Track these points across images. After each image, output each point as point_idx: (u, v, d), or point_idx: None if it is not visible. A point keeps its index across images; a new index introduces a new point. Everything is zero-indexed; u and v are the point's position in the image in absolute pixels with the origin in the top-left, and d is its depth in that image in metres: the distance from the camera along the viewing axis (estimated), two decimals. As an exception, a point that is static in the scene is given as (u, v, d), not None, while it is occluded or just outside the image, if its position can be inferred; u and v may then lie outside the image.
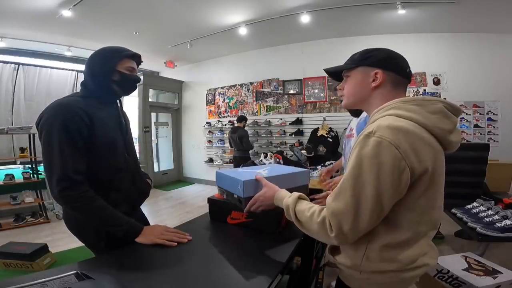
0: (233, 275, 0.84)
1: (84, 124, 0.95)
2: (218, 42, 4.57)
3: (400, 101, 0.70)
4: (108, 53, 1.08)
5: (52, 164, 0.91)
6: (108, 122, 1.07)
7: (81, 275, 0.64)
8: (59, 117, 0.92)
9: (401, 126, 0.63)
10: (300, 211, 0.77)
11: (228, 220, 1.28)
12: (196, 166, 6.23)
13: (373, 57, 0.78)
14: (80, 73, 5.22)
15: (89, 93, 1.06)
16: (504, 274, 1.34)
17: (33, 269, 2.24)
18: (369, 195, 0.62)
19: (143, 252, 0.98)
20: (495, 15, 3.32)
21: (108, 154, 1.05)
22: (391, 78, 0.75)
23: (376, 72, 0.76)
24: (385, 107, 0.72)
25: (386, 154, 0.60)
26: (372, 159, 0.61)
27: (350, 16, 3.57)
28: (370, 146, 0.62)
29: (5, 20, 3.43)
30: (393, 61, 0.77)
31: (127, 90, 1.14)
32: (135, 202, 1.21)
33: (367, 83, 0.77)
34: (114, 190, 1.07)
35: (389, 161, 0.60)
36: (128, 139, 1.20)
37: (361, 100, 0.80)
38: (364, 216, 0.63)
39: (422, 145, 0.63)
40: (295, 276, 1.19)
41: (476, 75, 3.87)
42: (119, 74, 1.07)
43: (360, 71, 0.79)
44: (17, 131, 3.60)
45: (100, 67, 1.06)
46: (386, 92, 0.76)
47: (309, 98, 4.77)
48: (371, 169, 0.61)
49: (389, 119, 0.66)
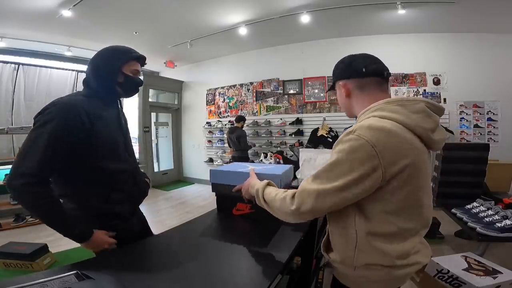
0: (233, 275, 0.84)
1: (82, 128, 0.94)
2: (218, 42, 4.57)
3: (384, 102, 0.73)
4: (114, 54, 1.07)
5: (28, 154, 0.87)
6: (110, 122, 1.06)
7: (81, 275, 0.64)
8: (60, 115, 0.91)
9: (382, 126, 0.66)
10: (267, 193, 0.87)
11: (233, 211, 1.36)
12: (196, 166, 6.23)
13: (337, 71, 0.87)
14: (80, 73, 5.22)
15: (92, 92, 1.05)
16: (504, 274, 1.34)
17: (33, 269, 2.24)
18: (339, 186, 0.67)
19: (143, 252, 0.98)
20: (495, 15, 3.32)
21: (110, 155, 1.04)
22: (353, 85, 0.82)
23: (341, 84, 0.85)
24: (370, 109, 0.75)
25: (362, 151, 0.65)
26: (348, 154, 0.66)
27: (350, 16, 3.57)
28: (348, 143, 0.67)
29: (5, 20, 3.43)
30: (349, 68, 0.83)
31: (130, 93, 1.14)
32: (136, 202, 1.22)
33: (342, 94, 0.86)
34: (117, 191, 1.07)
35: (363, 157, 0.65)
36: (128, 139, 1.19)
37: (348, 109, 0.87)
38: (325, 202, 0.70)
39: (402, 145, 0.66)
40: (295, 276, 1.19)
41: (476, 75, 3.87)
42: (124, 76, 1.06)
43: (337, 85, 0.89)
44: (17, 131, 3.59)
45: (105, 67, 1.04)
46: (358, 97, 0.82)
47: (309, 98, 4.77)
48: (346, 162, 0.67)
49: (372, 120, 0.70)
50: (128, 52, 1.08)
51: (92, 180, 1.00)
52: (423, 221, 0.76)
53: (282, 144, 4.90)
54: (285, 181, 1.35)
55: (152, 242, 1.12)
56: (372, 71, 0.80)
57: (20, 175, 0.86)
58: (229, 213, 1.38)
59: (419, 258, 0.75)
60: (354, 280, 0.78)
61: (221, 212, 1.43)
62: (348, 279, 0.80)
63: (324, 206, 0.70)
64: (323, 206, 0.70)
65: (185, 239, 1.13)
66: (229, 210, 1.38)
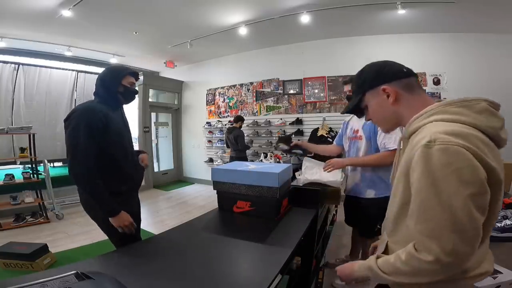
0: (233, 275, 0.84)
1: (101, 123, 1.29)
2: (218, 42, 4.56)
3: (441, 105, 0.66)
4: (115, 70, 1.44)
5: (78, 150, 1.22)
6: (116, 122, 1.41)
7: (81, 275, 0.64)
8: (85, 117, 1.26)
9: (456, 130, 0.59)
10: (382, 265, 0.70)
11: (234, 209, 1.39)
12: (196, 166, 6.23)
13: (367, 79, 0.78)
14: (80, 73, 5.22)
15: (102, 100, 1.39)
16: (504, 274, 1.34)
17: (33, 269, 2.24)
18: (462, 204, 0.55)
19: (143, 252, 0.98)
20: (495, 15, 3.31)
21: (119, 142, 1.41)
22: (399, 86, 0.73)
23: (383, 89, 0.74)
24: (425, 114, 0.68)
25: (459, 159, 0.56)
26: (445, 168, 0.56)
27: (350, 16, 3.57)
28: (436, 156, 0.57)
29: (5, 20, 3.43)
30: (385, 70, 0.75)
31: (128, 99, 1.49)
32: (138, 182, 1.58)
33: (385, 102, 0.75)
34: (124, 170, 1.41)
35: (465, 165, 0.55)
36: (130, 136, 1.55)
37: (394, 120, 0.77)
38: (468, 228, 0.56)
39: (484, 146, 0.59)
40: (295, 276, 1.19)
41: (476, 75, 3.87)
42: (123, 87, 1.42)
43: (369, 96, 0.78)
44: (17, 131, 3.59)
45: (110, 81, 1.40)
46: (409, 100, 0.73)
47: (309, 98, 4.77)
48: (450, 178, 0.56)
49: (439, 125, 0.62)
50: (126, 69, 1.45)
51: (106, 165, 1.32)
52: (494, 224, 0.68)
53: (282, 144, 4.89)
54: (283, 179, 1.36)
55: (152, 242, 1.12)
56: (410, 70, 0.74)
57: (76, 165, 1.22)
58: (230, 211, 1.39)
59: (487, 266, 0.68)
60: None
61: (222, 209, 1.44)
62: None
63: (470, 235, 0.57)
64: (469, 235, 0.57)
65: (185, 238, 1.13)
66: (230, 208, 1.39)
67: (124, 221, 1.29)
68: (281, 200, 1.36)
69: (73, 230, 3.28)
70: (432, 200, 0.58)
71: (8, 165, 4.30)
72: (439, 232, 0.58)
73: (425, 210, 0.60)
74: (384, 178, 1.69)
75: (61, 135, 1.33)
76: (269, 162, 3.86)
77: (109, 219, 1.28)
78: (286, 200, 1.46)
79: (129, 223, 1.31)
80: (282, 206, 1.37)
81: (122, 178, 1.40)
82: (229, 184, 1.38)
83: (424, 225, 0.60)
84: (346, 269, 0.83)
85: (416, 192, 0.62)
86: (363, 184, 1.78)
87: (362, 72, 0.80)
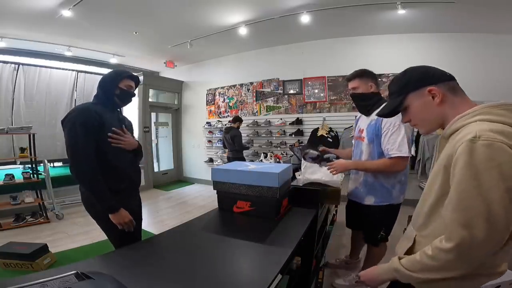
0: (233, 275, 0.84)
1: (96, 121, 1.33)
2: (218, 42, 4.56)
3: (486, 107, 0.69)
4: (114, 74, 1.48)
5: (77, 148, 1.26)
6: (112, 121, 1.43)
7: (81, 275, 0.64)
8: (80, 116, 1.30)
9: (502, 129, 0.62)
10: (409, 265, 0.73)
11: (234, 209, 1.40)
12: (196, 166, 6.23)
13: (411, 80, 0.79)
14: (80, 73, 5.22)
15: (100, 101, 1.45)
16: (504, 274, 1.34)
17: (33, 269, 2.24)
18: (500, 197, 0.59)
19: (143, 252, 0.98)
20: (495, 15, 3.31)
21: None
22: (445, 88, 0.76)
23: (429, 90, 0.76)
24: (470, 113, 0.70)
25: (502, 154, 0.59)
26: (488, 163, 0.59)
27: (350, 16, 3.57)
28: (480, 150, 0.60)
29: (5, 20, 3.43)
30: (430, 73, 0.78)
31: (125, 102, 1.52)
32: (136, 180, 1.57)
33: (430, 103, 0.77)
34: (120, 169, 1.42)
35: (508, 160, 0.59)
36: None
37: (436, 120, 0.79)
38: (501, 220, 0.59)
39: None
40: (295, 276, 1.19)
41: (476, 75, 3.86)
42: (120, 90, 1.46)
43: (413, 97, 0.80)
44: (17, 131, 3.59)
45: (108, 83, 1.45)
46: (454, 102, 0.75)
47: (309, 98, 4.77)
48: (491, 172, 0.59)
49: (483, 124, 0.65)
50: (124, 73, 1.49)
51: (103, 163, 1.33)
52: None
53: (282, 144, 4.90)
54: (283, 179, 1.36)
55: (152, 242, 1.12)
56: (450, 74, 0.77)
57: (77, 163, 1.27)
58: (230, 211, 1.39)
59: (504, 267, 0.71)
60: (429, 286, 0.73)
61: (222, 209, 1.44)
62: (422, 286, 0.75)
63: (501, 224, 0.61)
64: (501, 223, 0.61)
65: (185, 238, 1.14)
66: (230, 208, 1.39)
67: (123, 218, 1.31)
68: (281, 200, 1.36)
69: (73, 230, 3.28)
70: (472, 191, 0.61)
71: (8, 165, 4.30)
72: (474, 221, 0.61)
73: (463, 200, 0.62)
74: (386, 185, 1.62)
75: (61, 135, 1.32)
76: (269, 162, 3.86)
77: (109, 216, 1.30)
78: (286, 200, 1.46)
79: (129, 220, 1.33)
80: (282, 206, 1.37)
81: (119, 177, 1.42)
82: (229, 184, 1.38)
83: (460, 214, 0.63)
84: (369, 274, 0.86)
85: (457, 182, 0.64)
86: (363, 190, 1.72)
87: (406, 73, 0.82)
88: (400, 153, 1.46)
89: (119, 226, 1.32)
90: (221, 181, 1.41)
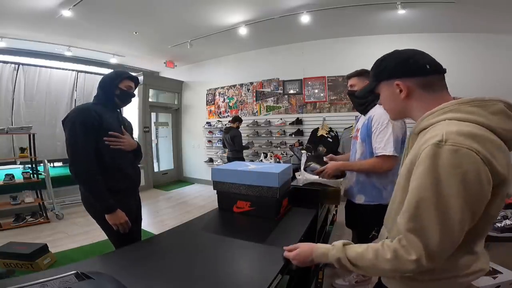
0: (233, 275, 0.84)
1: (96, 121, 1.34)
2: (218, 42, 4.56)
3: (457, 103, 0.65)
4: (114, 75, 1.49)
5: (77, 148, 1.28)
6: (112, 121, 1.45)
7: (81, 275, 0.64)
8: (80, 116, 1.32)
9: (470, 131, 0.58)
10: (355, 257, 0.71)
11: (234, 209, 1.39)
12: (196, 166, 6.23)
13: (385, 69, 0.76)
14: (80, 73, 5.23)
15: (100, 101, 1.47)
16: (504, 274, 1.34)
17: (33, 269, 2.24)
18: (458, 208, 0.56)
19: (143, 252, 0.98)
20: (495, 15, 3.31)
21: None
22: (415, 84, 0.71)
23: (397, 84, 0.73)
24: (438, 110, 0.67)
25: (468, 162, 0.55)
26: (452, 170, 0.56)
27: (350, 16, 3.57)
28: (445, 156, 0.56)
29: (5, 20, 3.43)
30: (406, 64, 0.72)
31: (124, 102, 1.54)
32: (135, 180, 1.57)
33: (396, 96, 0.74)
34: (119, 169, 1.43)
35: (472, 169, 0.55)
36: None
37: (400, 112, 0.78)
38: (455, 232, 0.58)
39: (495, 149, 0.58)
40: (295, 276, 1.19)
41: (476, 75, 3.87)
42: (119, 90, 1.48)
43: (384, 86, 0.78)
44: (17, 131, 3.59)
45: (108, 84, 1.46)
46: (422, 99, 0.72)
47: (309, 98, 4.77)
48: (453, 181, 0.56)
49: (452, 124, 0.61)
50: (124, 73, 1.50)
51: (102, 163, 1.34)
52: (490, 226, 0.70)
53: (282, 144, 4.90)
54: (283, 179, 1.36)
55: (152, 242, 1.12)
56: (435, 67, 0.71)
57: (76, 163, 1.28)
58: (230, 211, 1.39)
59: (480, 265, 0.70)
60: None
61: (222, 209, 1.44)
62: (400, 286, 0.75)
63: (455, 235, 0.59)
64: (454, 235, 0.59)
65: (185, 238, 1.13)
66: (230, 208, 1.40)
67: (119, 218, 1.32)
68: (281, 200, 1.36)
69: (73, 230, 3.28)
70: (430, 199, 0.58)
71: (8, 165, 4.30)
72: (428, 233, 0.58)
73: (420, 209, 0.60)
74: (378, 185, 1.60)
75: (61, 135, 1.35)
76: (269, 162, 3.86)
77: (105, 216, 1.31)
78: (286, 200, 1.46)
79: (124, 221, 1.34)
80: (282, 206, 1.38)
81: (119, 177, 1.42)
82: (229, 184, 1.38)
83: (415, 224, 0.61)
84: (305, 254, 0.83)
85: (415, 188, 0.61)
86: (355, 188, 1.71)
87: (384, 59, 0.78)
88: (385, 152, 1.44)
89: (114, 227, 1.33)
90: (221, 181, 1.41)
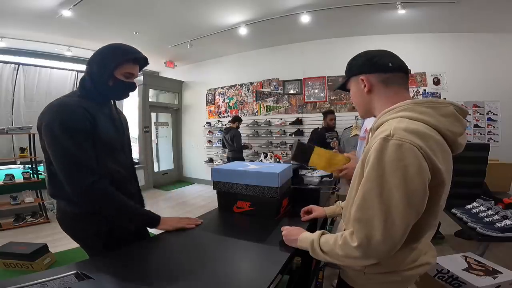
0: (233, 275, 0.84)
1: (89, 122, 0.96)
2: (218, 42, 4.57)
3: (412, 103, 0.69)
4: (109, 55, 1.00)
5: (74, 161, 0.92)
6: (105, 122, 1.05)
7: (81, 275, 0.64)
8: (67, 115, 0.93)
9: (417, 129, 0.62)
10: (323, 242, 0.76)
11: (234, 209, 1.39)
12: (196, 166, 6.23)
13: (354, 65, 0.83)
14: (80, 73, 5.23)
15: (87, 93, 1.02)
16: (504, 274, 1.34)
17: (33, 269, 2.24)
18: (399, 199, 0.60)
19: (143, 252, 0.98)
20: (495, 15, 3.31)
21: (107, 152, 1.04)
22: (378, 79, 0.77)
23: (362, 79, 0.79)
24: (395, 109, 0.70)
25: (410, 156, 0.59)
26: (396, 162, 0.60)
27: (350, 16, 3.57)
28: (390, 150, 0.60)
29: (5, 20, 3.43)
30: (372, 62, 0.78)
31: (119, 97, 1.13)
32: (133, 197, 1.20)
33: (361, 91, 0.80)
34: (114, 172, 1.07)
35: (413, 162, 0.59)
36: (125, 139, 1.20)
37: (366, 107, 0.82)
38: (397, 222, 0.61)
39: (437, 148, 0.62)
40: (295, 276, 1.19)
41: (476, 75, 3.87)
42: (114, 81, 1.01)
43: (352, 81, 0.84)
44: (17, 131, 3.59)
45: (98, 69, 1.00)
46: (382, 93, 0.77)
47: (309, 98, 4.77)
48: (396, 173, 0.60)
49: (403, 121, 0.65)
50: (125, 54, 1.02)
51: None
52: (436, 223, 0.74)
53: (282, 144, 4.90)
54: (283, 179, 1.36)
55: (152, 242, 1.11)
56: (397, 66, 0.76)
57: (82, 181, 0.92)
58: (230, 211, 1.39)
59: (427, 259, 0.76)
60: (362, 283, 0.78)
61: (222, 209, 1.44)
62: (357, 281, 0.80)
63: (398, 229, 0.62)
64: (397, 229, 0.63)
65: (185, 239, 1.13)
66: (230, 208, 1.40)
67: (173, 224, 1.10)
68: (281, 200, 1.36)
69: (73, 230, 3.28)
70: (374, 190, 0.62)
71: (8, 165, 4.29)
72: (373, 223, 0.62)
73: (366, 200, 0.64)
74: None
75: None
76: (269, 162, 3.86)
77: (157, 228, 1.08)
78: (286, 200, 1.46)
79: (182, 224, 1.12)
80: (282, 206, 1.38)
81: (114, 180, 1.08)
82: (229, 184, 1.38)
83: (362, 213, 0.64)
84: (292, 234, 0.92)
85: (364, 180, 0.65)
86: None
87: (355, 58, 0.85)
88: None
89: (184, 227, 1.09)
90: (221, 181, 1.41)
